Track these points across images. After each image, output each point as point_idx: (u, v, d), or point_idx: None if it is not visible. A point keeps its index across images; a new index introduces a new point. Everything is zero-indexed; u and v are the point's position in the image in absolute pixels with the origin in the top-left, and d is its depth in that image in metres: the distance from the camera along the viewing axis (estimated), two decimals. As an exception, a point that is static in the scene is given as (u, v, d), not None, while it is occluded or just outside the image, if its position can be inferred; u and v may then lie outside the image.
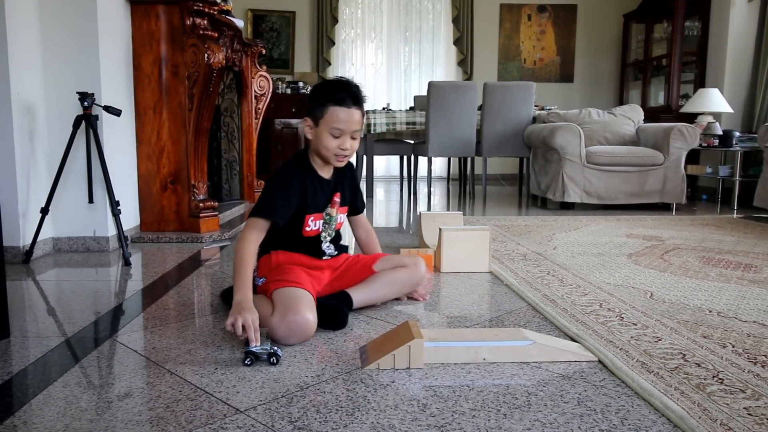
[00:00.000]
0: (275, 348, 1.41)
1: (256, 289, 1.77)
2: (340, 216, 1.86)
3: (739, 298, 2.01)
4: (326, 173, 1.79)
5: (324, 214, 1.79)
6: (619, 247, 2.91)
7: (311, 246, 1.79)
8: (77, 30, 2.68)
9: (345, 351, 1.49)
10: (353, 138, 1.71)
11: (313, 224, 1.77)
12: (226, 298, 1.89)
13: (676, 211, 4.43)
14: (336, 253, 1.86)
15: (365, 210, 2.05)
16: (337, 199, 1.82)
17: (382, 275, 1.86)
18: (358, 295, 1.81)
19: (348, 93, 1.67)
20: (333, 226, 1.84)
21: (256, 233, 1.66)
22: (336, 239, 1.87)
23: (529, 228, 3.53)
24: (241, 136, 4.39)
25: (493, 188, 6.27)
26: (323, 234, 1.80)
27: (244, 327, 1.41)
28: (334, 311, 1.66)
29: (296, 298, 1.56)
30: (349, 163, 1.86)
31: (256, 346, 1.40)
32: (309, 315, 1.53)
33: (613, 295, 2.02)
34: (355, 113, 1.68)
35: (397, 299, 1.95)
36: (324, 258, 1.82)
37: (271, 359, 1.39)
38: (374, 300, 1.86)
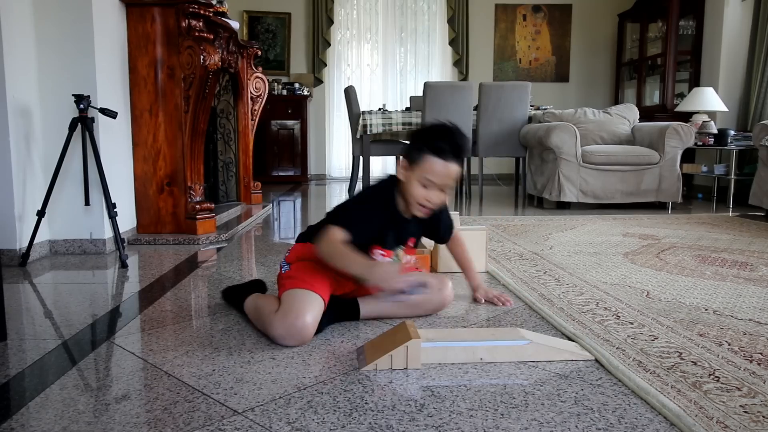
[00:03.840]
0: (419, 280, 1.44)
1: (280, 276, 1.70)
2: (407, 258, 1.76)
3: (735, 296, 2.01)
4: (409, 213, 1.67)
5: (393, 254, 1.71)
6: (615, 246, 2.91)
7: None
8: (73, 32, 2.67)
9: (342, 352, 1.50)
10: (443, 191, 1.60)
11: (379, 258, 1.68)
12: (228, 298, 1.90)
13: (672, 209, 4.44)
14: None
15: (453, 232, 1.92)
16: (411, 243, 1.74)
17: None
18: (368, 307, 1.74)
19: (450, 145, 1.56)
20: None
21: (339, 233, 1.55)
22: None
23: (526, 227, 3.53)
24: (238, 137, 4.39)
25: (489, 188, 6.27)
26: None
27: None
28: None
29: (303, 301, 1.53)
30: (442, 207, 1.73)
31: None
32: (309, 319, 1.50)
33: (610, 294, 2.03)
34: (453, 168, 1.57)
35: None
36: None
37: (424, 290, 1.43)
38: (384, 315, 1.76)
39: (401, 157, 1.63)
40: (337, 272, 1.66)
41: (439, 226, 1.84)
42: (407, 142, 5.55)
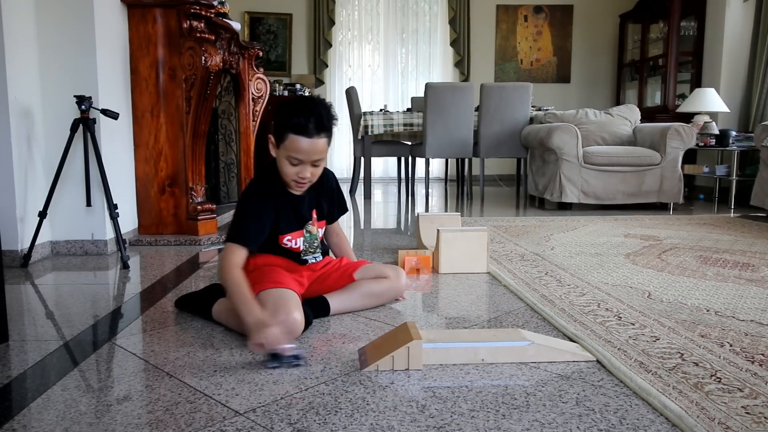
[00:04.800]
0: (298, 351, 1.41)
1: None
2: (320, 231, 1.82)
3: (736, 297, 2.01)
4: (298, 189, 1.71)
5: (304, 231, 1.75)
6: (616, 247, 2.91)
7: (292, 257, 1.77)
8: (74, 34, 2.68)
9: (344, 353, 1.50)
10: (315, 165, 1.62)
11: (291, 243, 1.73)
12: (186, 307, 1.85)
13: (674, 210, 4.44)
14: (320, 258, 1.85)
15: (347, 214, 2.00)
16: (315, 215, 1.78)
17: (363, 285, 1.83)
18: (336, 303, 1.79)
19: (311, 121, 1.54)
20: (316, 243, 1.80)
21: (236, 257, 1.58)
22: (321, 251, 1.86)
23: (527, 228, 3.53)
24: (239, 138, 4.39)
25: (490, 189, 6.27)
26: (305, 252, 1.79)
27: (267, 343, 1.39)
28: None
29: (285, 298, 1.56)
30: (326, 171, 1.79)
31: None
32: (297, 315, 1.54)
33: (611, 295, 2.03)
34: (319, 142, 1.57)
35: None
36: (305, 264, 1.82)
37: (299, 361, 1.39)
38: (352, 309, 1.83)
39: (270, 135, 1.63)
40: (287, 268, 1.72)
41: (333, 203, 1.85)
42: (408, 143, 5.60)
